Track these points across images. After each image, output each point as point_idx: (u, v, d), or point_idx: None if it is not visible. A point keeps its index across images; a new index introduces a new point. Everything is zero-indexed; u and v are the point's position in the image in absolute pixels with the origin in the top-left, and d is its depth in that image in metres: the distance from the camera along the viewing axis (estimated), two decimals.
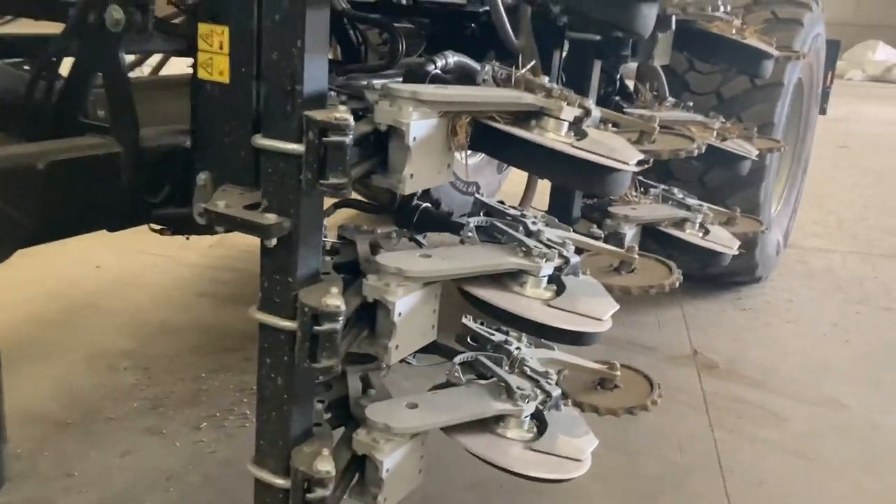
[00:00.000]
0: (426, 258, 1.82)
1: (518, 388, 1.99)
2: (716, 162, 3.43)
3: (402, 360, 2.40)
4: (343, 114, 1.52)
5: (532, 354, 2.19)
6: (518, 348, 2.17)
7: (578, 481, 2.54)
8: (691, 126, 3.10)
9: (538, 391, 2.03)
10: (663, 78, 3.61)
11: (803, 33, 4.12)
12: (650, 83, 3.69)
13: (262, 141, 1.61)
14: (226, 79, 1.71)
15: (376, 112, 1.65)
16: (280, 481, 1.77)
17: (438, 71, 2.06)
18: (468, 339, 2.27)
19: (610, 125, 2.34)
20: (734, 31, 2.98)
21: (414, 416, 1.86)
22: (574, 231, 2.99)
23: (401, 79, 2.13)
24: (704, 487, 2.72)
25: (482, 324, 2.24)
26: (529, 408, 1.99)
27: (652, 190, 3.30)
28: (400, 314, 1.73)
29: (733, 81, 3.95)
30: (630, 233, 3.04)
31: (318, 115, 1.53)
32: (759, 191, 4.05)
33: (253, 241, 1.63)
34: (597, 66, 2.86)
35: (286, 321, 1.66)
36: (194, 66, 1.77)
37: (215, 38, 1.71)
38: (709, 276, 4.50)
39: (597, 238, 2.96)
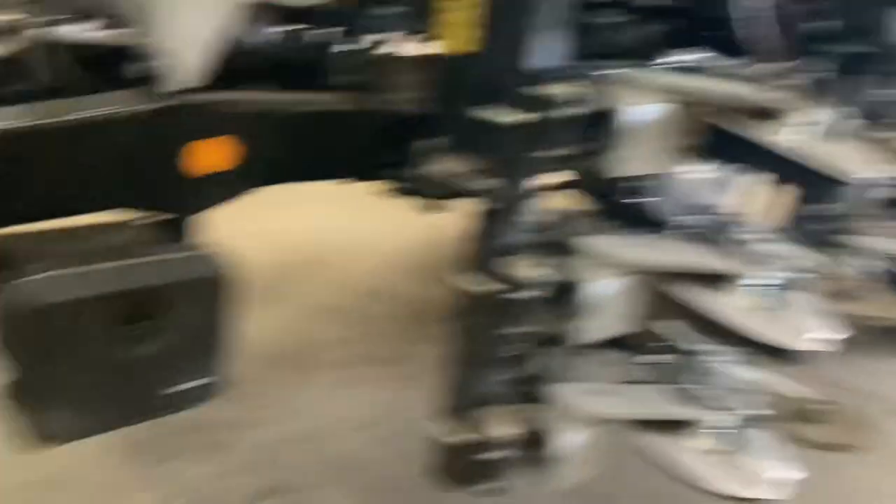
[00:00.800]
0: (637, 247, 1.82)
1: (716, 398, 1.92)
2: None
3: (603, 349, 2.41)
4: (570, 90, 1.57)
5: (740, 371, 2.10)
6: (724, 362, 2.08)
7: None
8: None
9: (738, 404, 1.94)
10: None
11: None
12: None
13: (488, 112, 1.70)
14: (465, 49, 1.81)
15: (600, 95, 1.68)
16: (462, 438, 1.86)
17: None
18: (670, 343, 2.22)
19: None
20: None
21: (604, 403, 1.86)
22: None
23: None
24: None
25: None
26: (726, 420, 1.91)
27: None
28: (596, 297, 1.74)
29: None
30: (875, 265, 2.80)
31: (548, 89, 1.59)
32: None
33: None
34: (862, 82, 2.65)
35: (488, 286, 1.74)
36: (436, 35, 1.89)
37: (460, 9, 1.82)
38: None
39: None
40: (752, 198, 2.87)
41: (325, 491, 2.53)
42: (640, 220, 2.20)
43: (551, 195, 2.00)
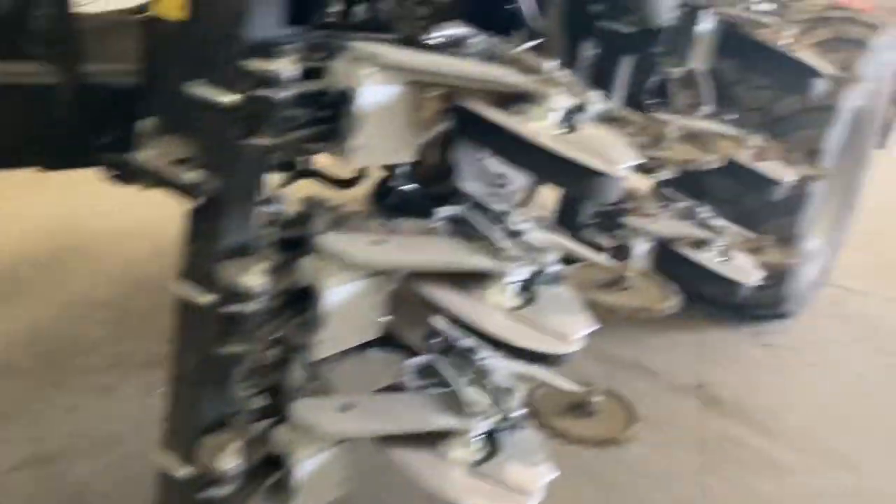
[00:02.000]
0: (377, 245, 1.62)
1: (470, 402, 1.79)
2: (744, 184, 3.14)
3: (359, 354, 2.22)
4: (280, 65, 1.33)
5: (504, 367, 1.97)
6: (484, 358, 1.95)
7: None
8: (722, 140, 2.83)
9: (494, 408, 1.82)
10: (707, 85, 3.33)
11: (868, 57, 3.79)
12: (693, 89, 3.42)
13: (196, 89, 1.43)
14: (178, 15, 1.52)
15: (331, 71, 1.45)
16: (182, 472, 1.60)
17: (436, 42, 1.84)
18: (432, 342, 2.06)
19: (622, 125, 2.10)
20: (786, 41, 2.70)
21: (344, 420, 1.66)
22: (576, 238, 2.80)
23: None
24: None
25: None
26: (479, 426, 1.78)
27: (675, 205, 3.04)
28: (332, 303, 1.53)
29: (784, 100, 3.65)
30: (640, 247, 2.80)
31: (255, 64, 1.34)
32: (797, 220, 3.74)
33: None
34: (625, 63, 2.60)
35: (204, 296, 1.48)
36: None
37: None
38: (731, 304, 4.21)
39: (600, 249, 2.74)
40: (520, 189, 2.84)
41: None
42: (410, 214, 2.02)
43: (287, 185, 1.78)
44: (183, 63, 1.48)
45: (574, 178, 1.59)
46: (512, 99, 1.63)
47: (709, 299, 4.19)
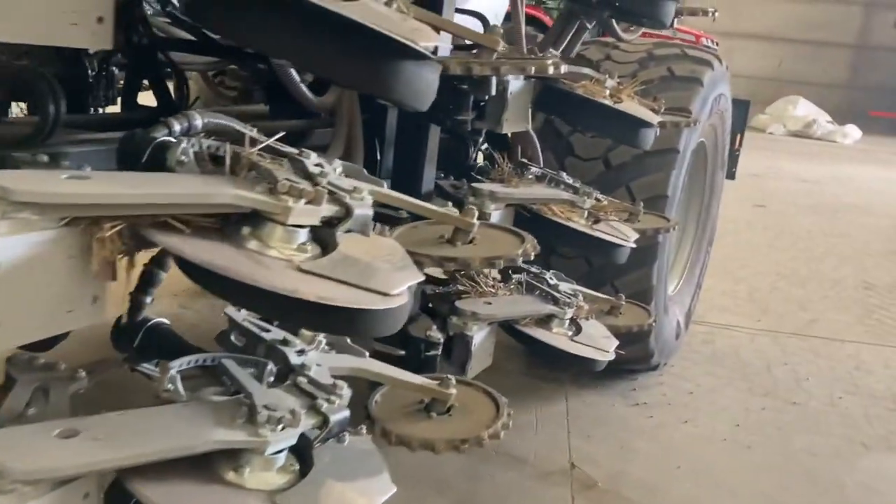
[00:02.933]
0: (66, 438, 1.16)
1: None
2: (586, 251, 2.89)
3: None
4: None
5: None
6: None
7: None
8: (554, 206, 2.54)
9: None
10: (536, 144, 3.05)
11: (703, 93, 3.64)
12: (522, 150, 3.14)
13: None
14: None
15: None
16: None
17: (173, 139, 1.42)
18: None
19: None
20: (607, 92, 2.44)
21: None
22: (409, 336, 2.42)
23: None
24: None
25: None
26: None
27: (516, 275, 2.72)
28: None
29: (622, 147, 3.43)
30: (480, 334, 2.45)
31: None
32: (650, 272, 3.51)
33: None
34: (433, 133, 2.27)
35: None
36: None
37: None
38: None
39: (436, 344, 2.36)
40: None
41: None
42: (164, 355, 1.58)
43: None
44: None
45: (336, 321, 1.20)
46: (244, 217, 1.24)
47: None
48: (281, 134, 1.38)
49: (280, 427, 1.29)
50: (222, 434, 1.25)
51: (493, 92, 1.96)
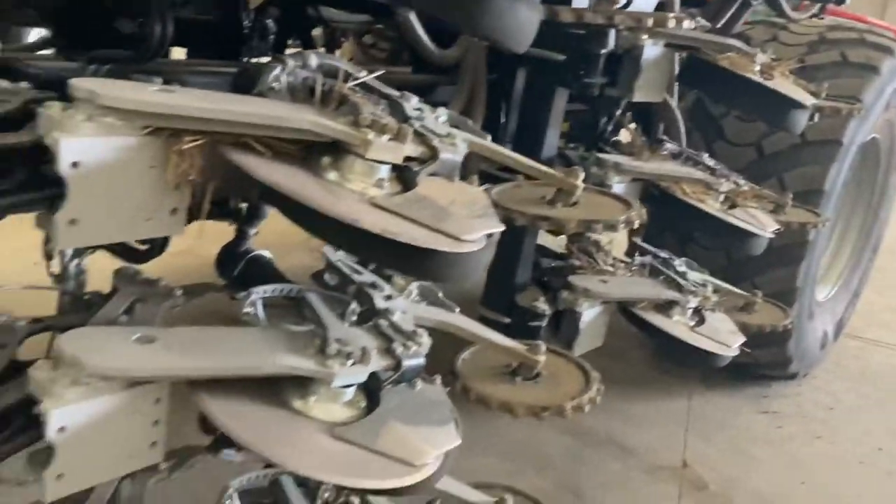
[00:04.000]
0: (143, 344, 1.21)
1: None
2: (716, 237, 2.70)
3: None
4: None
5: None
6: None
7: None
8: (686, 186, 2.39)
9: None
10: (679, 122, 2.89)
11: (879, 83, 3.31)
12: (665, 127, 2.99)
13: None
14: None
15: (39, 118, 1.07)
16: None
17: (285, 76, 1.45)
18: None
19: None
20: (757, 67, 2.26)
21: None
22: (512, 302, 2.37)
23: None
24: None
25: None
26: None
27: (641, 257, 2.60)
28: (63, 429, 1.13)
29: (778, 135, 3.19)
30: (591, 312, 2.36)
31: None
32: (796, 272, 3.25)
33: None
34: (560, 97, 2.19)
35: None
36: None
37: None
38: (734, 364, 3.71)
39: (541, 316, 2.30)
40: None
41: None
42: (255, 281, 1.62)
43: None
44: None
45: (402, 259, 1.18)
46: (327, 148, 1.24)
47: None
48: (380, 72, 1.37)
49: (349, 362, 1.29)
50: (291, 360, 1.26)
51: (612, 45, 1.86)
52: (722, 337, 2.51)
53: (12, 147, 1.07)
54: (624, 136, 2.86)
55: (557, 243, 2.68)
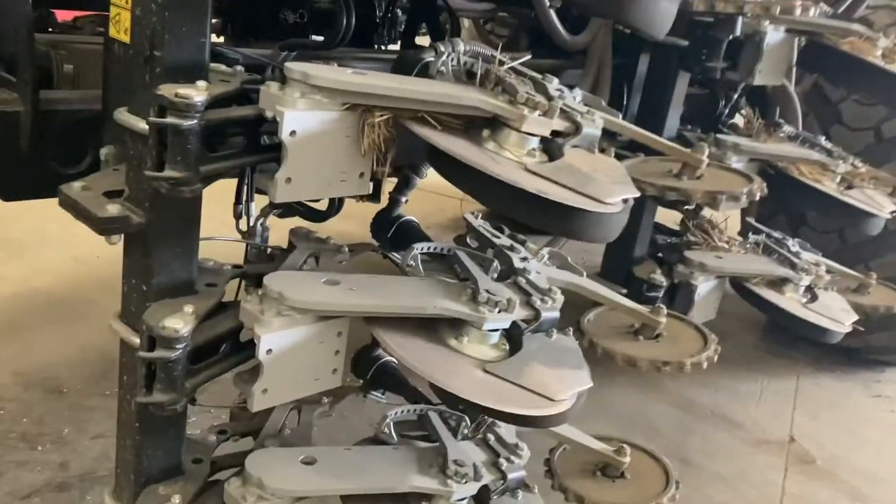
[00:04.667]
0: (330, 286, 1.46)
1: (455, 462, 1.59)
2: (832, 216, 2.76)
3: (368, 394, 2.07)
4: (188, 90, 1.20)
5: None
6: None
7: None
8: (802, 166, 2.48)
9: (483, 468, 1.61)
10: (797, 105, 2.96)
11: None
12: (781, 110, 3.06)
13: (121, 115, 1.33)
14: (127, 38, 1.42)
15: (262, 95, 1.31)
16: None
17: (439, 62, 1.66)
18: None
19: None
20: (879, 52, 2.32)
21: (300, 476, 1.51)
22: (631, 273, 2.53)
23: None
24: None
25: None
26: (463, 490, 1.57)
27: (755, 236, 2.70)
28: (270, 351, 1.38)
29: None
30: (706, 286, 2.48)
31: (165, 90, 1.22)
32: None
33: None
34: (682, 80, 2.32)
35: (137, 341, 1.37)
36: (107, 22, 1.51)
37: None
38: (843, 347, 3.74)
39: (658, 287, 2.45)
40: None
41: None
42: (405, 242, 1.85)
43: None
44: (123, 88, 1.40)
45: (548, 215, 1.37)
46: (487, 122, 1.44)
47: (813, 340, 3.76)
48: (527, 57, 1.56)
49: (497, 310, 1.50)
50: (449, 304, 1.47)
51: (738, 32, 1.99)
52: (834, 314, 2.59)
53: (238, 118, 1.31)
54: (739, 119, 2.96)
55: (674, 220, 2.82)
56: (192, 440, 1.64)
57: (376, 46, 3.01)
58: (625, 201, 1.44)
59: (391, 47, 3.04)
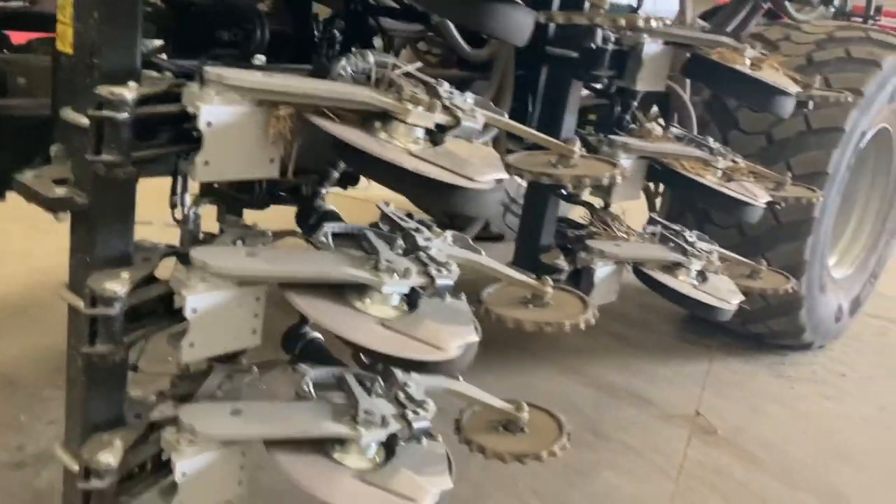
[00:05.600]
0: (248, 256, 1.72)
1: (366, 411, 1.84)
2: (713, 206, 3.08)
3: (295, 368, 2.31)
4: (121, 89, 1.46)
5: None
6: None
7: None
8: (686, 162, 2.80)
9: (391, 418, 1.86)
10: (691, 110, 3.30)
11: (881, 76, 3.65)
12: (679, 116, 3.40)
13: (66, 113, 1.58)
14: (71, 50, 1.68)
15: (184, 94, 1.57)
16: (75, 468, 1.72)
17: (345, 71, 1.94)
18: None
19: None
20: (747, 61, 2.66)
21: (227, 423, 1.75)
22: (538, 260, 2.82)
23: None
24: None
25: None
26: (372, 435, 1.82)
27: (650, 227, 3.02)
28: (195, 311, 1.63)
29: (786, 123, 3.56)
30: (604, 270, 2.78)
31: (102, 90, 1.48)
32: (803, 247, 3.61)
33: None
34: (575, 87, 2.63)
35: (82, 303, 1.61)
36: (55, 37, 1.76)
37: (67, 10, 1.69)
38: (751, 333, 4.08)
39: (560, 271, 2.74)
40: None
41: None
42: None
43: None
44: (69, 92, 1.65)
45: (429, 191, 1.65)
46: (379, 116, 1.72)
47: (725, 326, 4.10)
48: (418, 65, 1.85)
49: (395, 276, 1.77)
50: (353, 271, 1.74)
51: (599, 42, 2.31)
52: (722, 294, 2.90)
53: (165, 114, 1.57)
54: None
55: (581, 216, 3.12)
56: (133, 399, 1.87)
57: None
58: (498, 182, 1.73)
59: None
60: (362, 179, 2.70)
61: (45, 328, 3.39)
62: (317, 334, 2.31)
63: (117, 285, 1.57)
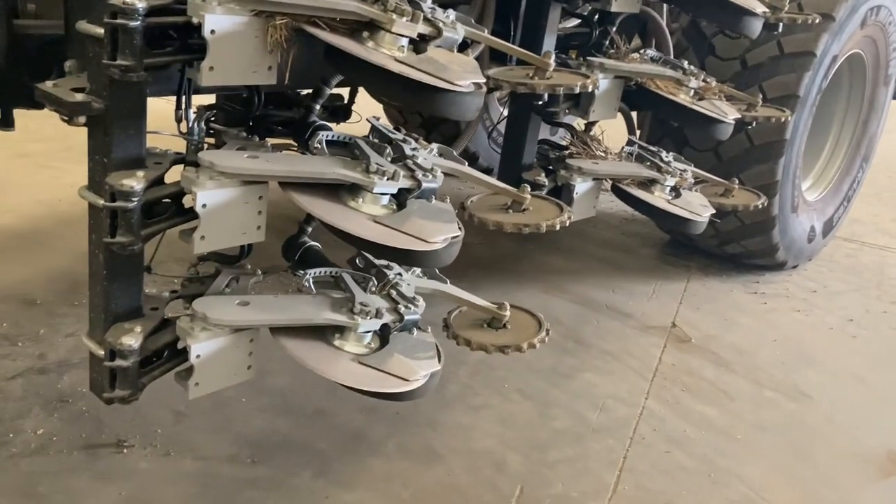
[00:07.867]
0: (251, 158, 1.89)
1: (361, 303, 2.03)
2: (685, 123, 3.24)
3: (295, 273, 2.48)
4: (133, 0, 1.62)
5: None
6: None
7: (473, 423, 2.60)
8: (659, 81, 2.96)
9: (384, 311, 2.06)
10: (667, 35, 3.45)
11: (852, 3, 3.78)
12: (656, 41, 3.55)
13: (82, 26, 1.73)
14: None
15: (189, 5, 1.72)
16: (100, 352, 1.92)
17: None
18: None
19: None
20: None
21: (236, 311, 1.94)
22: (522, 177, 2.99)
23: None
24: (602, 448, 2.64)
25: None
26: (367, 324, 2.02)
27: (628, 147, 3.19)
28: (204, 206, 1.81)
29: (760, 48, 3.71)
30: (583, 186, 2.96)
31: (116, 0, 1.63)
32: (775, 167, 3.79)
33: None
34: (554, 8, 2.78)
35: (101, 200, 1.78)
36: None
37: None
38: (727, 254, 4.29)
39: (541, 187, 2.92)
40: None
41: None
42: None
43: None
44: (82, 9, 1.80)
45: (414, 95, 1.81)
46: (362, 27, 1.87)
47: (703, 248, 4.30)
48: None
49: (385, 178, 1.95)
50: (346, 172, 1.92)
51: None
52: (694, 208, 3.09)
53: (171, 24, 1.72)
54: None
55: (562, 138, 3.29)
56: (150, 295, 2.07)
57: None
58: (477, 86, 1.90)
59: None
60: (353, 115, 2.86)
61: (55, 253, 3.57)
62: (315, 243, 2.50)
63: (134, 181, 1.74)
